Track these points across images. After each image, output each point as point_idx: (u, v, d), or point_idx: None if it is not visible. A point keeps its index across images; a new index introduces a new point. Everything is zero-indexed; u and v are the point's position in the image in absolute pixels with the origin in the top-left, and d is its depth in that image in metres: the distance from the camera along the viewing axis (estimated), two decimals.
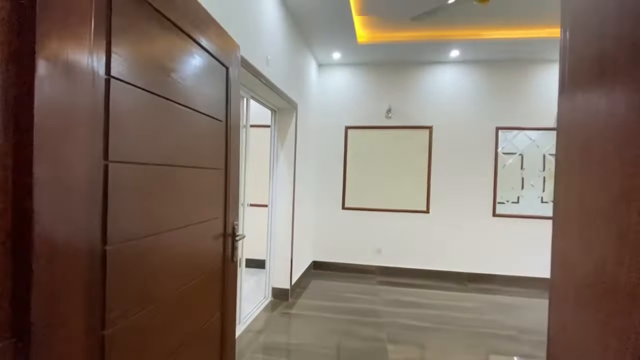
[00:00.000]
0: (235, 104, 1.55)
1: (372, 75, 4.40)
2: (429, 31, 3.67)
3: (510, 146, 4.24)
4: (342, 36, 3.62)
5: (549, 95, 4.11)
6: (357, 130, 4.43)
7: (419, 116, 4.32)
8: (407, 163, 4.33)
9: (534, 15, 3.26)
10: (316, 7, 3.02)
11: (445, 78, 4.29)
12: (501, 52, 3.93)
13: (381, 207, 4.35)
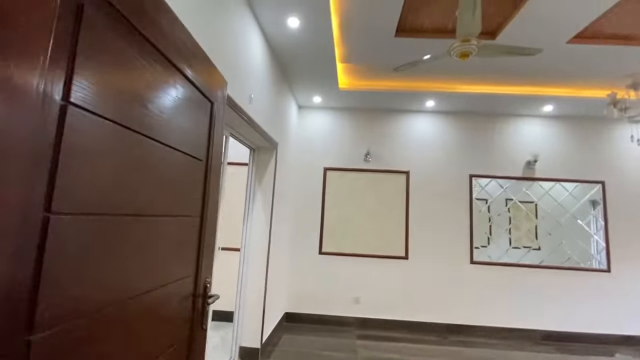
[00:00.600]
0: (218, 142, 1.38)
1: (352, 119, 4.46)
2: (407, 82, 3.84)
3: (483, 193, 4.35)
4: (325, 81, 3.67)
5: (519, 146, 4.35)
6: (336, 172, 4.37)
7: (397, 161, 4.36)
8: (385, 207, 4.27)
9: (508, 73, 3.52)
10: (302, 52, 3.06)
11: (421, 126, 4.44)
12: (475, 105, 4.17)
13: (359, 252, 4.17)
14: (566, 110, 4.19)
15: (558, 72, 3.39)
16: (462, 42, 2.43)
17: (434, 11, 2.63)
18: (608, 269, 4.06)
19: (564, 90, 3.82)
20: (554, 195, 4.30)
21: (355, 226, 4.23)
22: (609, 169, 4.25)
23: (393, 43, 3.00)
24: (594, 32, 2.77)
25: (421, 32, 2.89)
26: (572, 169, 4.27)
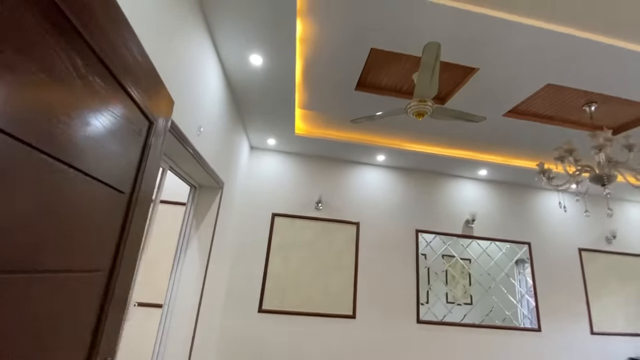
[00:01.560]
0: (152, 172, 1.09)
1: (305, 165, 4.36)
2: (362, 134, 3.92)
3: (427, 249, 4.41)
4: (282, 125, 3.57)
5: (459, 205, 4.60)
6: (285, 218, 4.10)
7: (348, 211, 4.28)
8: (335, 259, 4.04)
9: (451, 137, 3.79)
10: (262, 92, 2.94)
11: (373, 178, 4.50)
12: (422, 163, 4.39)
13: (305, 310, 3.78)
14: (499, 176, 4.62)
15: (494, 141, 3.76)
16: (419, 102, 2.54)
17: (392, 72, 2.76)
18: (538, 328, 4.23)
19: (498, 158, 4.24)
20: (485, 254, 4.53)
21: (301, 280, 3.89)
22: (534, 231, 4.67)
23: (353, 96, 3.06)
24: (524, 110, 3.15)
25: (379, 89, 3.01)
26: (503, 230, 4.60)
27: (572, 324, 4.33)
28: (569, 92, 2.80)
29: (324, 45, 2.41)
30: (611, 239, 4.79)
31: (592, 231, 4.83)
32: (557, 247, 4.65)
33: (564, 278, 4.53)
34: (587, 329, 4.34)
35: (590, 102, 2.94)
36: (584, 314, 4.40)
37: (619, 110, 3.02)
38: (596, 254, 4.73)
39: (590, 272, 4.61)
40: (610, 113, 3.09)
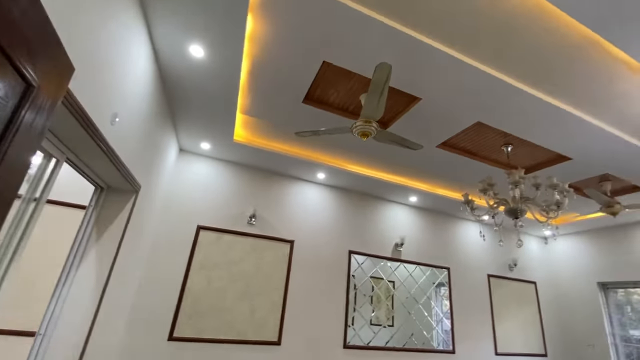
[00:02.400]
0: (21, 158, 0.78)
1: (241, 175, 4.06)
2: (304, 149, 3.81)
3: (359, 270, 4.40)
4: (220, 129, 3.26)
5: (391, 229, 4.74)
6: (212, 232, 3.70)
7: (283, 228, 4.06)
8: (264, 279, 3.75)
9: (390, 162, 3.89)
10: (200, 89, 2.64)
11: (311, 196, 4.39)
12: (359, 184, 4.43)
13: (224, 337, 3.37)
14: (427, 203, 4.92)
15: (425, 170, 3.98)
16: (365, 122, 2.53)
17: (341, 89, 2.74)
18: (453, 350, 4.47)
19: (427, 186, 4.51)
20: (406, 277, 4.72)
21: (224, 303, 3.49)
22: (453, 257, 5.03)
23: (299, 108, 2.95)
24: (454, 143, 3.40)
25: (326, 105, 2.95)
26: (427, 254, 4.86)
27: (481, 345, 4.68)
28: (492, 132, 3.10)
29: (275, 49, 2.26)
30: (513, 267, 5.41)
31: (498, 259, 5.40)
32: (471, 273, 5.07)
33: (475, 302, 4.92)
34: (492, 350, 4.73)
35: (508, 144, 3.30)
36: (490, 336, 4.80)
37: (530, 154, 3.45)
38: (501, 280, 5.27)
39: (496, 297, 5.11)
40: (523, 155, 3.51)
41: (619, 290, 4.95)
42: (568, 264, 5.54)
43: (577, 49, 2.10)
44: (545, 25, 1.96)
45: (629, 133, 2.88)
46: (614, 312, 4.93)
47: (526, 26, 1.98)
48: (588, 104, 2.59)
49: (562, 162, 3.44)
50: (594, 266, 5.16)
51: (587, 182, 3.84)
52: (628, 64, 2.18)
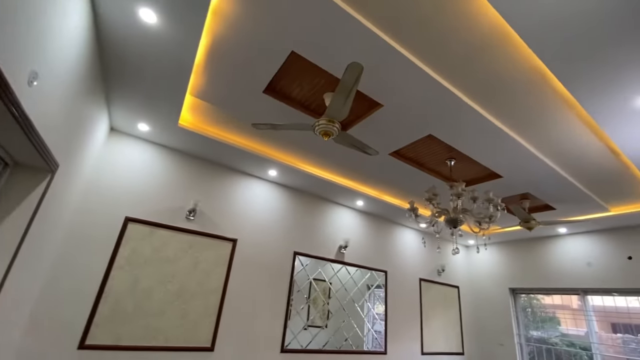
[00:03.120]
0: None
1: (183, 165, 3.68)
2: (257, 143, 3.61)
3: (302, 272, 4.32)
4: (164, 109, 2.90)
5: (336, 231, 4.76)
6: (144, 226, 3.28)
7: (226, 225, 3.79)
8: (199, 279, 3.44)
9: (341, 165, 3.88)
10: (146, 60, 2.30)
11: (259, 193, 4.18)
12: (310, 185, 4.36)
13: (150, 344, 3.00)
14: (372, 208, 5.06)
15: (374, 175, 4.08)
16: (328, 121, 2.47)
17: (306, 84, 2.63)
18: (385, 351, 4.65)
19: (374, 192, 4.64)
20: (347, 279, 4.81)
21: (152, 305, 3.11)
22: (391, 261, 5.25)
23: (259, 98, 2.76)
24: (405, 153, 3.53)
25: (288, 99, 2.82)
26: (368, 257, 5.00)
27: (409, 346, 4.96)
28: (440, 145, 3.29)
29: (242, 29, 2.07)
30: (441, 272, 5.86)
31: (429, 264, 5.80)
32: (405, 276, 5.35)
33: (408, 304, 5.20)
34: (419, 350, 5.04)
35: (452, 158, 3.54)
36: (418, 337, 5.12)
37: (469, 169, 3.75)
38: (430, 283, 5.67)
39: (425, 300, 5.47)
40: (463, 170, 3.79)
41: (523, 295, 5.68)
42: (486, 270, 6.20)
43: (527, 77, 2.31)
44: (505, 52, 2.12)
45: (551, 159, 3.30)
46: (520, 314, 5.65)
47: (489, 51, 2.12)
48: (523, 129, 2.89)
49: (494, 179, 3.80)
50: (507, 273, 5.85)
51: (509, 199, 4.33)
52: (565, 99, 2.48)
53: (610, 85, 2.18)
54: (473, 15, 1.90)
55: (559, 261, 5.24)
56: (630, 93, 2.23)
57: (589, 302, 4.92)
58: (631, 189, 3.71)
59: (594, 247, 4.91)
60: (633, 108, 2.36)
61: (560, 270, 5.17)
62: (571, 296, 5.15)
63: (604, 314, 4.77)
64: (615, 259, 4.65)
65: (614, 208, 4.27)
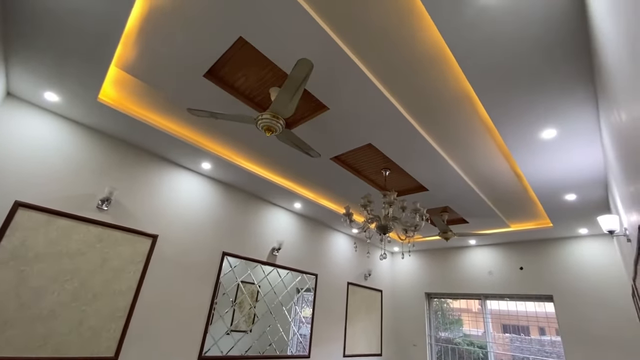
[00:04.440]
0: None
1: (97, 146, 3.20)
2: (190, 131, 3.32)
3: (230, 274, 4.09)
4: (80, 78, 2.48)
5: (269, 233, 4.62)
6: (42, 214, 2.74)
7: (146, 219, 3.39)
8: (107, 279, 3.00)
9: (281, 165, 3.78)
10: (62, 12, 1.93)
11: (188, 186, 3.85)
12: (246, 182, 4.16)
13: (31, 355, 2.49)
14: (308, 211, 5.05)
15: (314, 179, 4.08)
16: (272, 117, 2.38)
17: (252, 75, 2.50)
18: (308, 354, 4.65)
19: (312, 195, 4.64)
20: (276, 281, 4.73)
21: (42, 308, 2.60)
22: (322, 265, 5.30)
23: (197, 82, 2.54)
24: (345, 159, 3.60)
25: (231, 88, 2.65)
26: (300, 260, 4.97)
27: (333, 348, 5.04)
28: (377, 155, 3.43)
29: (184, 3, 1.87)
30: (367, 276, 6.12)
31: (357, 269, 6.02)
32: (334, 280, 5.45)
33: (334, 307, 5.30)
34: (341, 352, 5.15)
35: (387, 168, 3.72)
36: (341, 339, 5.23)
37: (401, 180, 3.98)
38: (357, 287, 5.87)
39: (351, 303, 5.64)
40: (395, 180, 4.02)
41: (435, 299, 6.25)
42: (407, 276, 6.67)
43: (457, 98, 2.53)
44: (441, 71, 2.29)
45: (469, 177, 3.68)
46: (432, 317, 6.18)
47: (428, 67, 2.26)
48: (450, 147, 3.17)
49: (421, 191, 4.11)
50: (424, 279, 6.37)
51: (432, 211, 4.72)
52: (486, 124, 2.78)
53: (521, 117, 2.51)
54: (416, 30, 2.01)
55: (467, 269, 5.88)
56: (536, 127, 2.59)
57: (487, 306, 5.61)
58: (528, 209, 4.34)
59: (494, 258, 5.63)
60: (537, 140, 2.75)
61: (468, 277, 5.81)
62: (474, 300, 5.82)
63: (498, 316, 5.49)
64: (510, 269, 5.39)
65: (513, 224, 4.96)
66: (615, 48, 1.24)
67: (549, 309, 4.97)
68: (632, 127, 1.40)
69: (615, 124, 1.77)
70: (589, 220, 4.30)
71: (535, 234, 5.00)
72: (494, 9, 1.73)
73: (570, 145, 2.77)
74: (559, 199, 3.75)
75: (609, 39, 1.31)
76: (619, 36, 1.15)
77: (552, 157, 2.97)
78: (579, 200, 3.74)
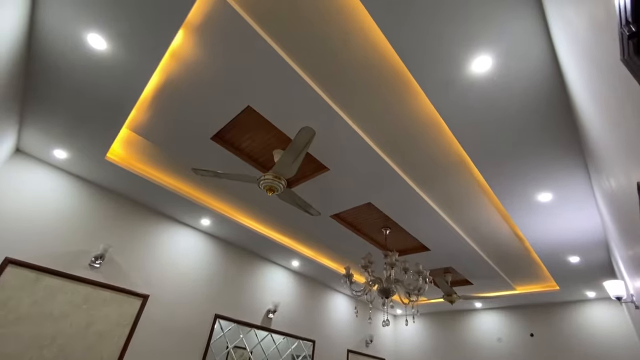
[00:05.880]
0: None
1: (98, 202, 3.20)
2: (190, 188, 3.36)
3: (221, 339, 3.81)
4: (91, 138, 2.58)
5: (265, 293, 4.42)
6: (28, 271, 2.64)
7: (138, 278, 3.26)
8: (89, 343, 2.78)
9: (280, 222, 3.77)
10: (83, 82, 2.08)
11: (184, 242, 3.78)
12: (243, 239, 4.09)
13: None
14: (307, 270, 4.89)
15: (313, 236, 4.02)
16: (275, 177, 2.44)
17: (257, 138, 2.62)
18: None
19: (311, 252, 4.54)
20: (270, 347, 4.38)
21: None
22: (320, 330, 4.96)
23: (204, 144, 2.65)
24: (345, 217, 3.60)
25: (236, 150, 2.76)
26: (297, 325, 4.67)
27: None
28: (378, 214, 3.44)
29: (199, 75, 2.04)
30: (369, 343, 5.70)
31: (357, 334, 5.63)
32: (333, 347, 5.06)
33: None
34: None
35: (387, 227, 3.70)
36: None
37: (402, 239, 3.94)
38: (358, 355, 5.43)
39: None
40: (396, 239, 3.97)
41: None
42: (411, 342, 6.21)
43: (454, 163, 2.63)
44: (437, 137, 2.41)
45: (470, 237, 3.65)
46: None
47: (425, 134, 2.39)
48: (449, 207, 3.20)
49: (423, 251, 4.03)
50: (430, 345, 5.92)
51: (434, 272, 4.58)
52: (482, 186, 2.84)
53: (517, 180, 2.58)
54: (414, 102, 2.16)
55: (474, 335, 5.51)
56: (531, 190, 2.65)
57: None
58: (532, 271, 4.23)
59: (503, 323, 5.31)
60: (533, 202, 2.79)
61: (476, 344, 5.41)
62: None
63: None
64: (520, 335, 5.06)
65: (519, 287, 4.78)
66: (597, 125, 1.34)
67: None
68: (621, 194, 1.44)
69: (606, 190, 1.82)
70: (595, 284, 4.16)
71: (542, 297, 4.80)
72: (482, 84, 1.89)
73: (567, 208, 2.81)
74: (563, 261, 3.68)
75: (590, 117, 1.41)
76: (596, 109, 1.24)
77: (550, 219, 2.98)
78: (583, 262, 3.67)
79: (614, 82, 0.90)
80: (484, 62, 1.74)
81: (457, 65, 1.78)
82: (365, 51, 1.87)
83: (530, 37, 1.61)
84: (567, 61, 1.46)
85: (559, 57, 1.60)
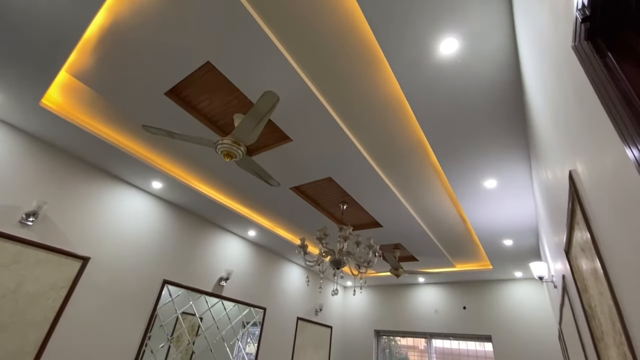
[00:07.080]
0: None
1: (30, 152, 2.87)
2: (141, 147, 3.13)
3: (169, 305, 3.74)
4: (23, 79, 2.26)
5: (218, 260, 4.37)
6: None
7: (78, 239, 3.04)
8: (18, 306, 2.57)
9: (238, 190, 3.68)
10: (13, 11, 1.78)
11: (132, 206, 3.56)
12: (198, 205, 3.96)
13: None
14: (263, 240, 4.89)
15: (271, 207, 4.00)
16: (233, 143, 2.34)
17: (216, 99, 2.47)
18: None
19: (268, 223, 4.53)
20: (220, 314, 4.42)
21: None
22: (272, 298, 5.07)
23: (157, 99, 2.44)
24: (305, 190, 3.60)
25: (193, 109, 2.58)
26: (249, 292, 4.72)
27: None
28: (336, 189, 3.49)
29: (154, 22, 1.83)
30: (318, 311, 5.96)
31: (308, 303, 5.85)
32: (284, 314, 5.22)
33: (281, 344, 5.03)
34: None
35: (345, 202, 3.78)
36: None
37: (357, 215, 4.05)
38: (307, 323, 5.67)
39: (299, 339, 5.40)
40: (352, 215, 4.08)
41: (384, 337, 6.23)
42: (357, 312, 6.61)
43: (413, 144, 2.70)
44: (400, 119, 2.44)
45: (420, 218, 3.85)
46: (380, 355, 6.10)
47: (388, 113, 2.41)
48: (406, 191, 3.33)
49: (376, 227, 4.20)
50: (374, 316, 6.35)
51: (384, 247, 4.82)
52: (437, 170, 2.97)
53: (468, 165, 2.73)
54: (381, 82, 2.15)
55: (415, 307, 5.99)
56: (480, 175, 2.83)
57: (432, 344, 5.70)
58: (471, 251, 4.61)
59: (441, 296, 5.82)
60: (480, 188, 2.99)
61: (415, 315, 5.90)
62: (420, 338, 5.88)
63: (442, 355, 5.58)
64: (454, 308, 5.59)
65: (458, 264, 5.22)
66: (543, 117, 1.43)
67: (488, 349, 5.17)
68: (556, 184, 1.58)
69: (543, 180, 2.00)
70: (523, 265, 4.67)
71: (477, 274, 5.29)
72: (449, 69, 1.92)
73: (508, 195, 3.05)
74: (498, 243, 4.05)
75: (538, 108, 1.50)
76: (544, 101, 1.32)
77: (492, 204, 3.23)
78: (515, 245, 4.07)
79: (563, 73, 0.95)
80: (451, 44, 1.76)
81: (425, 45, 1.78)
82: (338, 19, 1.79)
83: (496, 22, 1.64)
84: (526, 53, 1.52)
85: (519, 47, 1.66)
